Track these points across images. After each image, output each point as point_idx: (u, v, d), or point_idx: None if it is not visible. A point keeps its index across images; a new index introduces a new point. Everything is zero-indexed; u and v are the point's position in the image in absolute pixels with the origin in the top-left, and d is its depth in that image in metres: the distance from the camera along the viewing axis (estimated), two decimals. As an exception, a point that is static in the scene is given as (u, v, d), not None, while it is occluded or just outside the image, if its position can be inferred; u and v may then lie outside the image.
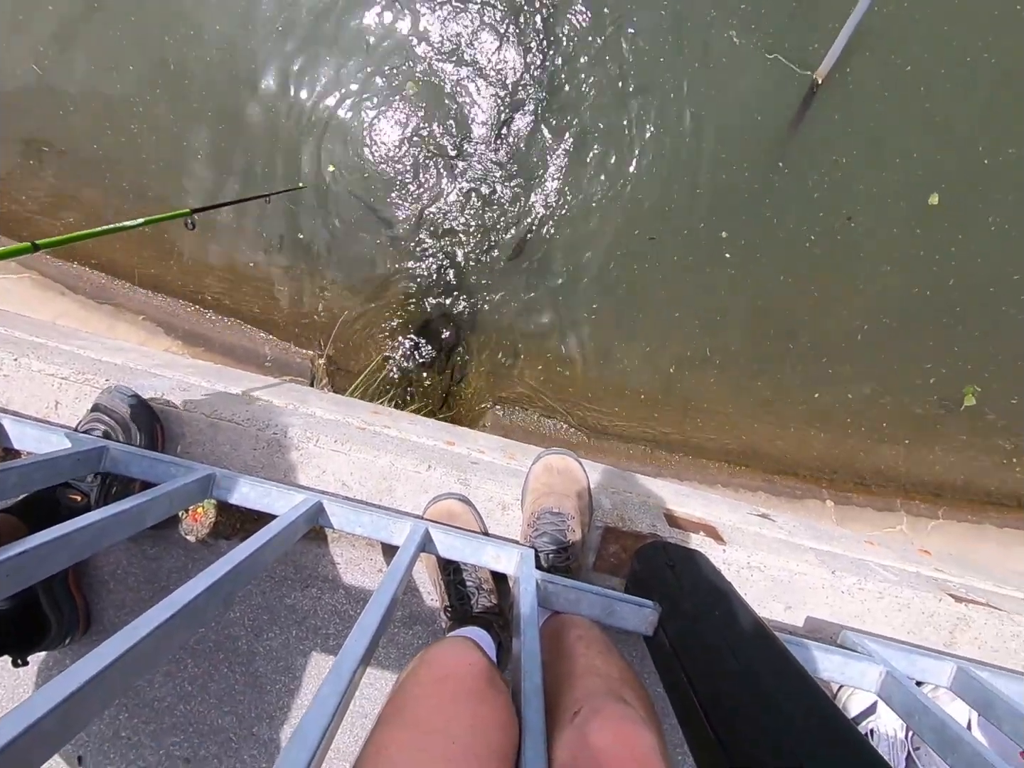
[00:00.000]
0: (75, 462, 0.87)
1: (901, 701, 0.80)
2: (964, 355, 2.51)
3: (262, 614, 1.15)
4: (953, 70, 2.38)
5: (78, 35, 2.42)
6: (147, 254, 2.50)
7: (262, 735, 1.17)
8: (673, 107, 2.44)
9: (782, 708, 0.57)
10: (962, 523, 2.56)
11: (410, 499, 1.10)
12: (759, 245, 2.49)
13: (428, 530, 0.90)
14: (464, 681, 0.58)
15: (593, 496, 1.09)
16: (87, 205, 2.49)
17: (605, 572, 1.10)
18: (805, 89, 2.38)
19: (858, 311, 2.51)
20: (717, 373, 2.55)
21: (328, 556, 1.14)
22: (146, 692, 1.19)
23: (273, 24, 2.40)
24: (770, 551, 1.10)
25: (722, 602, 0.76)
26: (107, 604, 1.18)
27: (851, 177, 2.43)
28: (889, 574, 1.14)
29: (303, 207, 2.49)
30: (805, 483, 2.62)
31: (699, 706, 0.60)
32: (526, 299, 2.53)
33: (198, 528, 1.14)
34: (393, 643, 1.14)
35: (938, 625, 1.09)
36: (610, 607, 0.83)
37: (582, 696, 0.59)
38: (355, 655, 0.54)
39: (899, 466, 2.60)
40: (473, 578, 1.00)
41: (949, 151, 2.41)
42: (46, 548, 0.63)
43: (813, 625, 1.09)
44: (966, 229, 2.44)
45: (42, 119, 2.47)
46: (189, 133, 2.45)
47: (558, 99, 2.45)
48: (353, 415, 1.28)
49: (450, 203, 2.50)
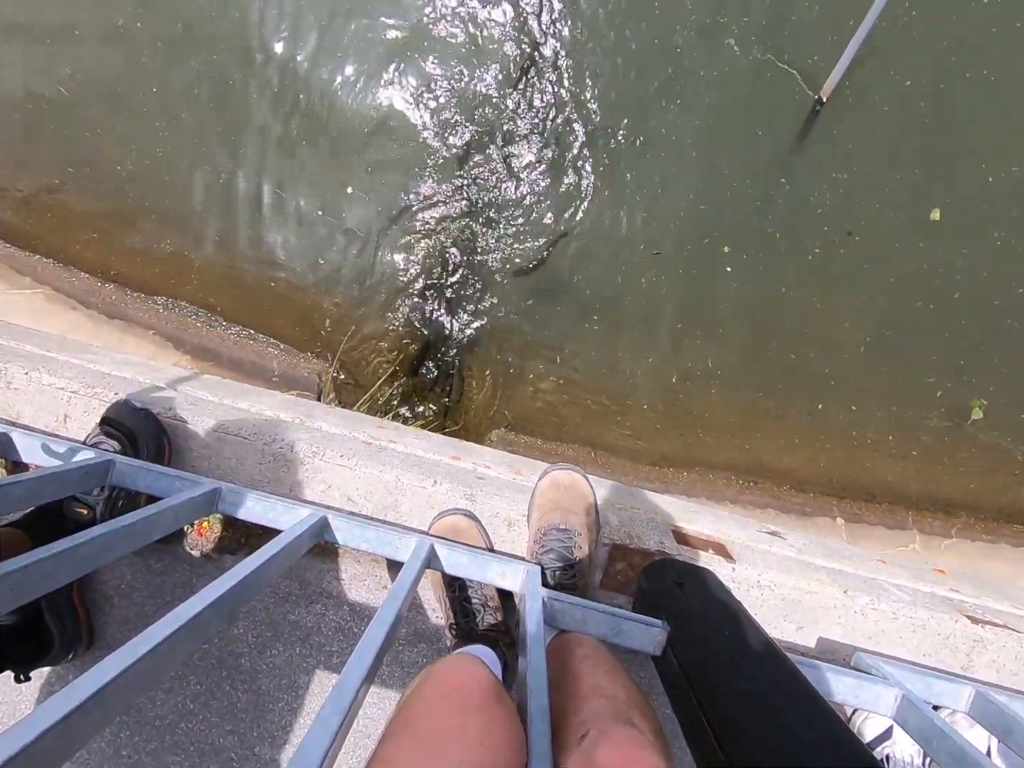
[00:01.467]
0: (82, 475, 0.87)
1: (918, 726, 0.78)
2: (969, 369, 2.49)
3: (266, 630, 1.14)
4: (953, 86, 2.40)
5: (104, 59, 2.49)
6: (159, 269, 2.54)
7: (264, 755, 1.16)
8: (678, 122, 2.46)
9: (793, 730, 0.55)
10: (976, 541, 2.52)
11: (416, 514, 1.09)
12: (761, 259, 2.50)
13: (433, 546, 0.89)
14: (472, 697, 0.56)
15: (600, 512, 1.08)
16: (109, 223, 2.55)
17: (612, 590, 1.09)
18: (808, 105, 2.41)
19: (861, 325, 2.50)
20: (720, 386, 2.54)
21: (333, 572, 1.13)
22: (148, 709, 1.18)
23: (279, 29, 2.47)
24: (780, 569, 1.09)
25: (732, 621, 0.75)
26: (111, 619, 1.17)
27: (853, 192, 2.44)
28: (903, 594, 1.11)
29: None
30: (815, 500, 2.59)
31: (709, 728, 0.59)
32: (531, 315, 2.54)
33: (203, 543, 1.13)
34: (397, 661, 1.12)
35: (955, 647, 1.06)
36: (617, 626, 0.81)
37: (589, 718, 0.58)
38: (358, 674, 0.54)
39: (909, 482, 2.56)
40: (479, 595, 0.99)
41: (951, 167, 2.42)
42: (50, 562, 0.63)
43: (825, 646, 1.06)
44: (970, 244, 2.44)
45: (68, 140, 2.53)
46: (214, 155, 2.50)
47: (559, 116, 2.48)
48: (359, 430, 1.28)
49: (457, 222, 2.53)
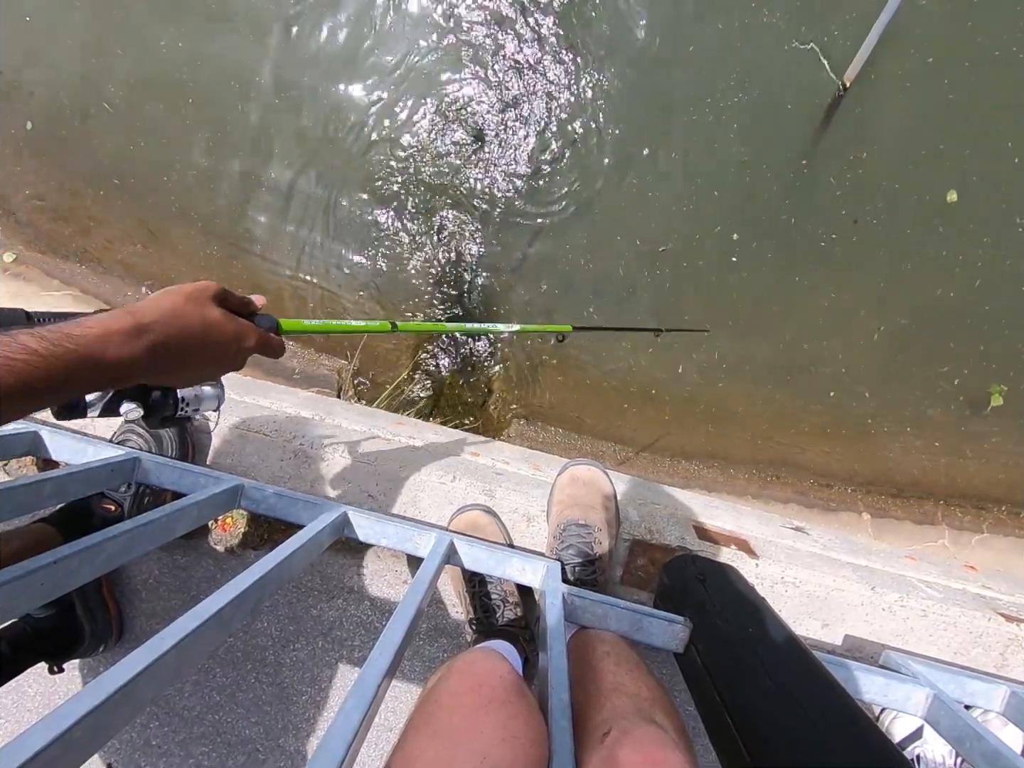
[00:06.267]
0: (109, 472, 0.89)
1: (950, 726, 0.76)
2: (988, 355, 2.41)
3: (289, 624, 1.16)
4: (979, 66, 2.31)
5: (145, 76, 2.55)
6: (205, 276, 2.59)
7: (288, 747, 1.18)
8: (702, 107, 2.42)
9: (820, 729, 0.54)
10: (1009, 537, 2.45)
11: (435, 510, 1.10)
12: (774, 247, 2.44)
13: (453, 542, 0.89)
14: (494, 692, 0.56)
15: (620, 508, 1.07)
16: (154, 233, 2.61)
17: (633, 586, 1.08)
18: (832, 87, 2.34)
19: (876, 312, 2.44)
20: (735, 379, 2.50)
21: (353, 567, 1.14)
22: (176, 701, 1.20)
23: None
24: (805, 566, 1.07)
25: (756, 618, 0.73)
26: (139, 613, 1.20)
27: (873, 175, 2.37)
28: (933, 591, 1.08)
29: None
30: (839, 495, 2.53)
31: (733, 727, 0.58)
32: (552, 310, 2.53)
33: (227, 538, 1.15)
34: (418, 656, 1.13)
35: (988, 646, 1.03)
36: (638, 622, 0.80)
37: (611, 716, 0.57)
38: (380, 668, 0.54)
39: (935, 475, 2.49)
40: (498, 591, 0.99)
41: (975, 149, 2.34)
42: (78, 558, 0.64)
43: (852, 644, 1.04)
44: (992, 230, 2.35)
45: (112, 154, 2.59)
46: (259, 169, 2.55)
47: (576, 102, 2.46)
48: (378, 426, 1.28)
49: (475, 219, 2.52)
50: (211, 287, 0.58)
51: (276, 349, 0.66)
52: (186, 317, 0.54)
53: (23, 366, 0.40)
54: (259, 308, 0.67)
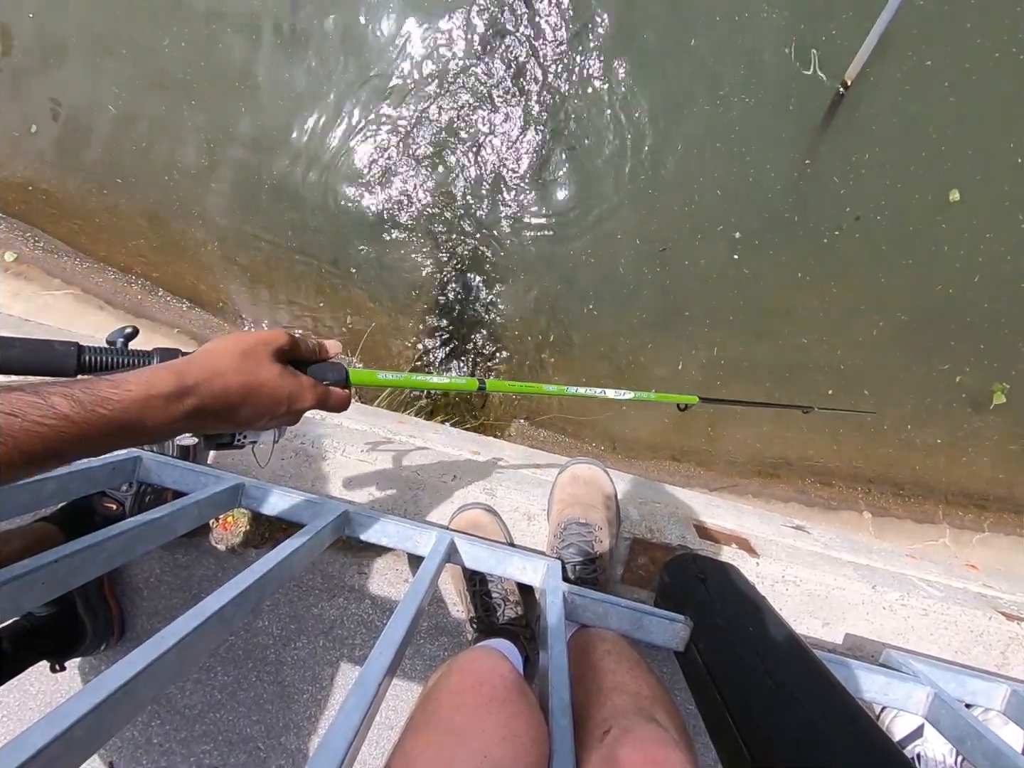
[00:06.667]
0: (110, 471, 0.89)
1: (951, 725, 0.75)
2: (990, 352, 2.41)
3: (290, 623, 1.16)
4: (978, 67, 2.31)
5: (151, 79, 2.55)
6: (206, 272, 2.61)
7: (289, 745, 1.18)
8: (705, 107, 2.42)
9: (820, 728, 0.54)
10: (1010, 535, 2.44)
11: (435, 509, 1.10)
12: (777, 244, 2.44)
13: (454, 540, 0.89)
14: (495, 691, 0.56)
15: (621, 507, 1.07)
16: (151, 231, 2.62)
17: (633, 585, 1.08)
18: (833, 88, 2.34)
19: (877, 309, 2.43)
20: (735, 377, 2.50)
21: (354, 566, 1.14)
22: (178, 700, 1.20)
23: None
24: (806, 564, 1.07)
25: (756, 617, 0.73)
26: (140, 611, 1.20)
27: (875, 174, 2.37)
28: (934, 590, 1.08)
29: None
30: (840, 494, 2.53)
31: (733, 725, 0.58)
32: (551, 311, 2.53)
33: (228, 537, 1.15)
34: (419, 654, 1.13)
35: (988, 645, 1.03)
36: (639, 621, 0.80)
37: (611, 715, 0.58)
38: (381, 667, 0.54)
39: (936, 473, 2.49)
40: (499, 589, 0.99)
41: (975, 148, 2.33)
42: (79, 556, 0.64)
43: (853, 643, 1.04)
44: (993, 227, 2.35)
45: (114, 154, 2.60)
46: (261, 169, 2.55)
47: (575, 104, 2.46)
48: (379, 425, 1.28)
49: (476, 220, 2.52)
50: (277, 339, 0.56)
51: (335, 405, 0.63)
52: (236, 377, 0.51)
53: (51, 432, 0.38)
54: (332, 355, 0.63)
